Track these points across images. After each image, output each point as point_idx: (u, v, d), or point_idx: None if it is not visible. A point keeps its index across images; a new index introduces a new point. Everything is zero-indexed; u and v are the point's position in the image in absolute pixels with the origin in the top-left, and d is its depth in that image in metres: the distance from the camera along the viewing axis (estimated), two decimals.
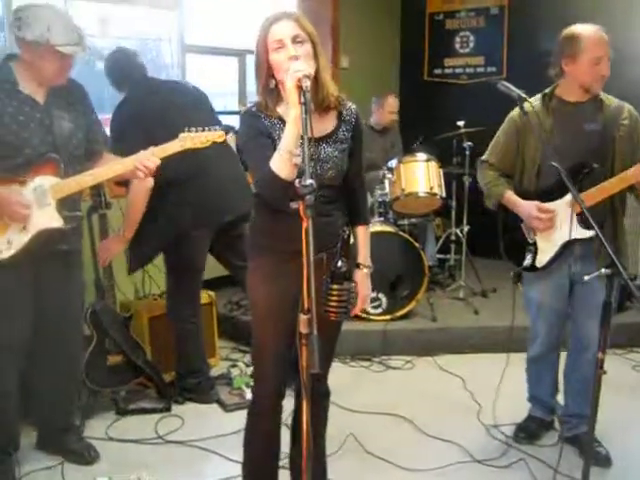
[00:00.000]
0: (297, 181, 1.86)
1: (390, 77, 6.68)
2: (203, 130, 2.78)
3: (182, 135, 2.76)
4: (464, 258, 5.30)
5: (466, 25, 6.52)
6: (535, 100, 2.94)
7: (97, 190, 3.33)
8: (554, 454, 2.96)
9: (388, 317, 4.53)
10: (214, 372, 4.00)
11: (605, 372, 2.14)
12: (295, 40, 2.12)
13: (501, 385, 3.35)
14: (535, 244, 2.97)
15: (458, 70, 6.61)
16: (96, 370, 3.38)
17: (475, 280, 5.30)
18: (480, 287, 5.24)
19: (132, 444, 3.25)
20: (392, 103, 5.50)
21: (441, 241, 5.76)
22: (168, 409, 3.57)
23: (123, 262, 3.60)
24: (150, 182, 3.17)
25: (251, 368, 3.98)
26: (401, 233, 4.64)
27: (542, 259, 2.97)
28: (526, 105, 2.59)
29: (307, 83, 1.96)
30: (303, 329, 1.92)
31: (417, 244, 4.66)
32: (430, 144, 5.32)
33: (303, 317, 1.92)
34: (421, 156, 4.81)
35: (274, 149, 2.13)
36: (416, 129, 5.78)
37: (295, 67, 2.00)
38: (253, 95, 5.58)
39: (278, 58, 2.13)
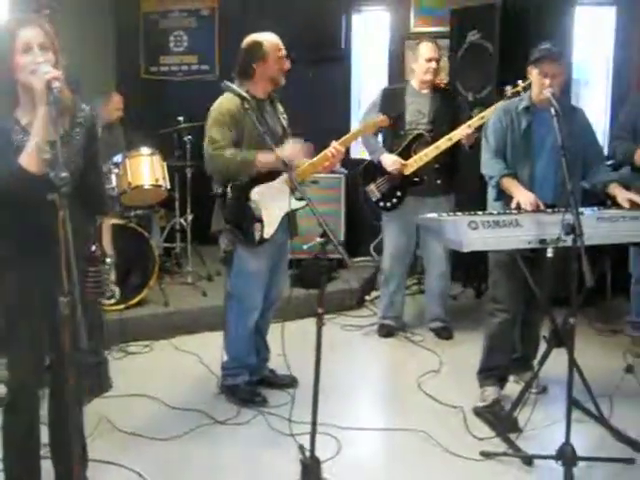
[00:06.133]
0: (53, 174, 2.04)
1: (107, 75, 6.70)
2: None
3: None
4: (190, 245, 5.63)
5: (179, 25, 6.80)
6: (232, 98, 3.30)
7: None
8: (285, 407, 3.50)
9: (122, 306, 4.69)
10: None
11: (324, 324, 2.62)
12: (42, 46, 2.26)
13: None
14: (261, 220, 3.44)
15: (174, 68, 6.87)
16: None
17: (201, 265, 5.68)
18: (206, 271, 5.62)
19: None
20: (118, 100, 5.68)
21: (166, 231, 6.02)
22: None
23: None
24: None
25: None
26: (130, 224, 4.83)
27: (269, 231, 3.47)
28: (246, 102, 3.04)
29: (57, 84, 2.12)
30: (65, 311, 2.10)
31: (146, 234, 4.89)
32: (152, 139, 5.53)
33: (63, 300, 2.09)
34: (145, 150, 5.04)
35: (14, 149, 2.25)
36: (136, 125, 5.90)
37: (45, 69, 2.16)
38: None
39: (25, 60, 2.25)
